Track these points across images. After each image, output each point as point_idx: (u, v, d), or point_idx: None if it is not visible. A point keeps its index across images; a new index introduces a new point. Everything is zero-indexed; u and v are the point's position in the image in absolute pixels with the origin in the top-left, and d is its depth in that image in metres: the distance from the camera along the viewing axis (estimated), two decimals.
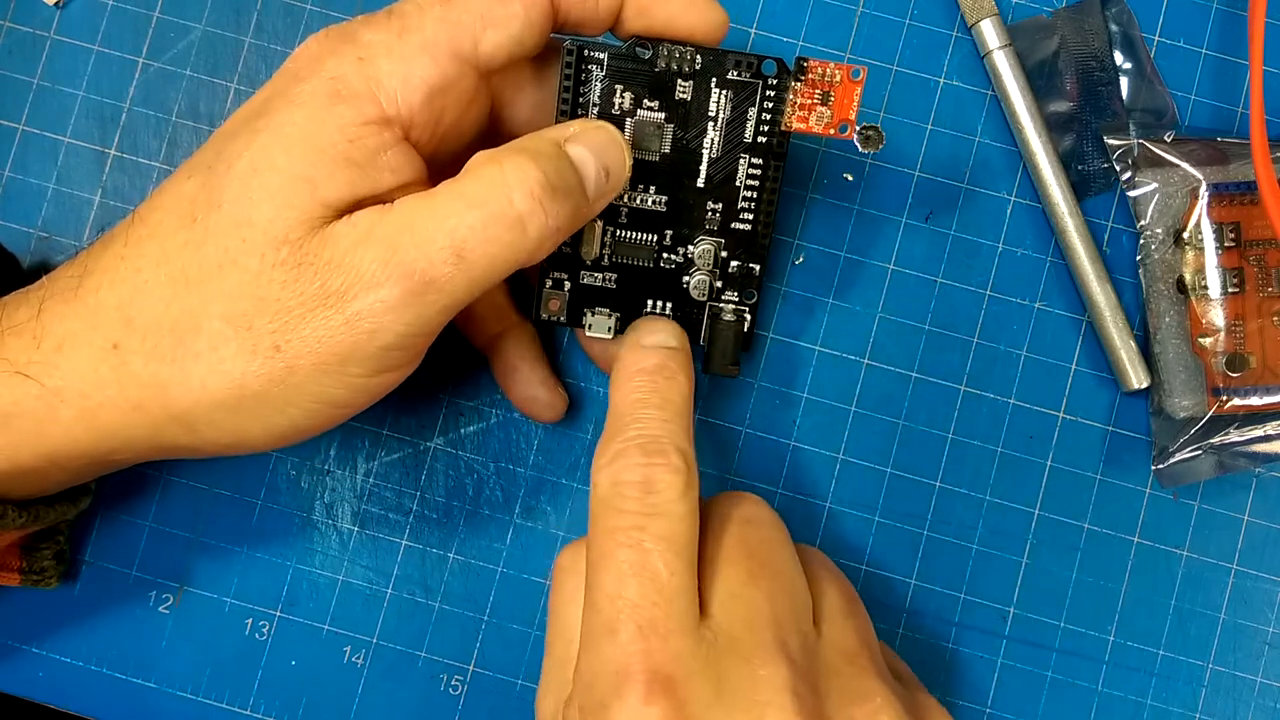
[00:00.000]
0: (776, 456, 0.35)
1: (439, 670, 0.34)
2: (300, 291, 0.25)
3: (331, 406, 0.27)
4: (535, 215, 0.25)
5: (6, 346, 0.27)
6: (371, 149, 0.26)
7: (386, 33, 0.27)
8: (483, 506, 0.35)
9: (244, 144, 0.26)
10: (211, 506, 0.35)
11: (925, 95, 0.36)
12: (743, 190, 0.31)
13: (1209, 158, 0.34)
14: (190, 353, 0.26)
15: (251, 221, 0.25)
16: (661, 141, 0.30)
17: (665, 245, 0.32)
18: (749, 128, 0.30)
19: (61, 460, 0.27)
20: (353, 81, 0.26)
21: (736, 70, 0.30)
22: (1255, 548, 0.35)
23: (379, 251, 0.25)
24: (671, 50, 0.30)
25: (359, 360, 0.26)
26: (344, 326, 0.25)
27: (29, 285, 0.28)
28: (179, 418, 0.26)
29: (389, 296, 0.25)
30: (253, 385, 0.26)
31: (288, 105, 0.26)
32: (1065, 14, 0.35)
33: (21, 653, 0.34)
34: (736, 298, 0.32)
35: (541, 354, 0.34)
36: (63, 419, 0.26)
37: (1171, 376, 0.34)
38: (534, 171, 0.26)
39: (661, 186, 0.31)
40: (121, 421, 0.26)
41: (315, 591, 0.35)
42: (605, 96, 0.30)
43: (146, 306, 0.26)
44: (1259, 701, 0.34)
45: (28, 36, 0.36)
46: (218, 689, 0.34)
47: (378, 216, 0.25)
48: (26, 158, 0.36)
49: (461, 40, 0.27)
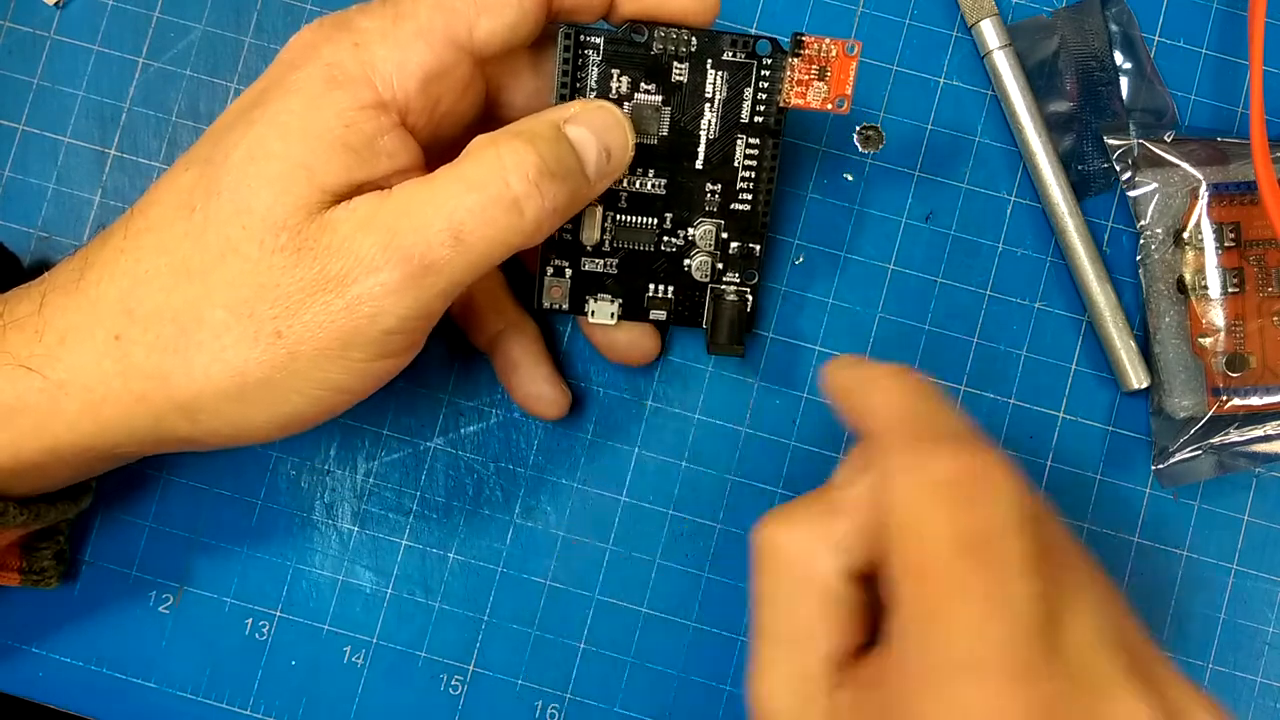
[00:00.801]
0: (777, 456, 0.35)
1: (439, 670, 0.34)
2: (300, 277, 0.25)
3: (334, 392, 0.27)
4: (531, 198, 0.26)
5: (8, 341, 0.27)
6: (368, 134, 0.26)
7: (382, 19, 0.27)
8: (483, 506, 0.35)
9: (241, 133, 0.26)
10: (211, 506, 0.35)
11: (925, 95, 0.36)
12: (741, 170, 0.31)
13: (1209, 158, 0.34)
14: (192, 342, 0.26)
15: (250, 209, 0.26)
16: (659, 124, 0.31)
17: (665, 228, 0.32)
18: (746, 108, 0.31)
19: (65, 454, 0.27)
20: (349, 67, 0.26)
21: (732, 51, 0.30)
22: (1255, 548, 0.35)
23: (378, 236, 0.25)
24: (666, 33, 0.30)
25: (360, 344, 0.26)
26: (344, 311, 0.25)
27: (31, 281, 0.28)
28: (182, 408, 0.26)
29: (389, 280, 0.25)
30: (255, 372, 0.26)
31: (284, 93, 0.26)
32: (1065, 14, 0.35)
33: (21, 653, 0.34)
34: (738, 279, 0.32)
35: (544, 351, 0.34)
36: (66, 412, 0.26)
37: (1171, 376, 0.34)
38: (530, 155, 0.26)
39: (660, 169, 0.31)
40: (125, 413, 0.27)
41: (315, 591, 0.35)
42: (602, 81, 0.30)
43: (148, 297, 0.26)
44: (1259, 701, 0.34)
45: (28, 36, 0.36)
46: (218, 689, 0.34)
47: (377, 202, 0.26)
48: (26, 158, 0.36)
49: (457, 27, 0.27)
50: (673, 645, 0.34)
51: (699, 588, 0.35)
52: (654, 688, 0.34)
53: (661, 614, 0.34)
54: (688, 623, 0.34)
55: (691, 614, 0.34)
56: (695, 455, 0.35)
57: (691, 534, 0.35)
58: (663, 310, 0.32)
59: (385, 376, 0.27)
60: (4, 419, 0.26)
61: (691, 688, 0.34)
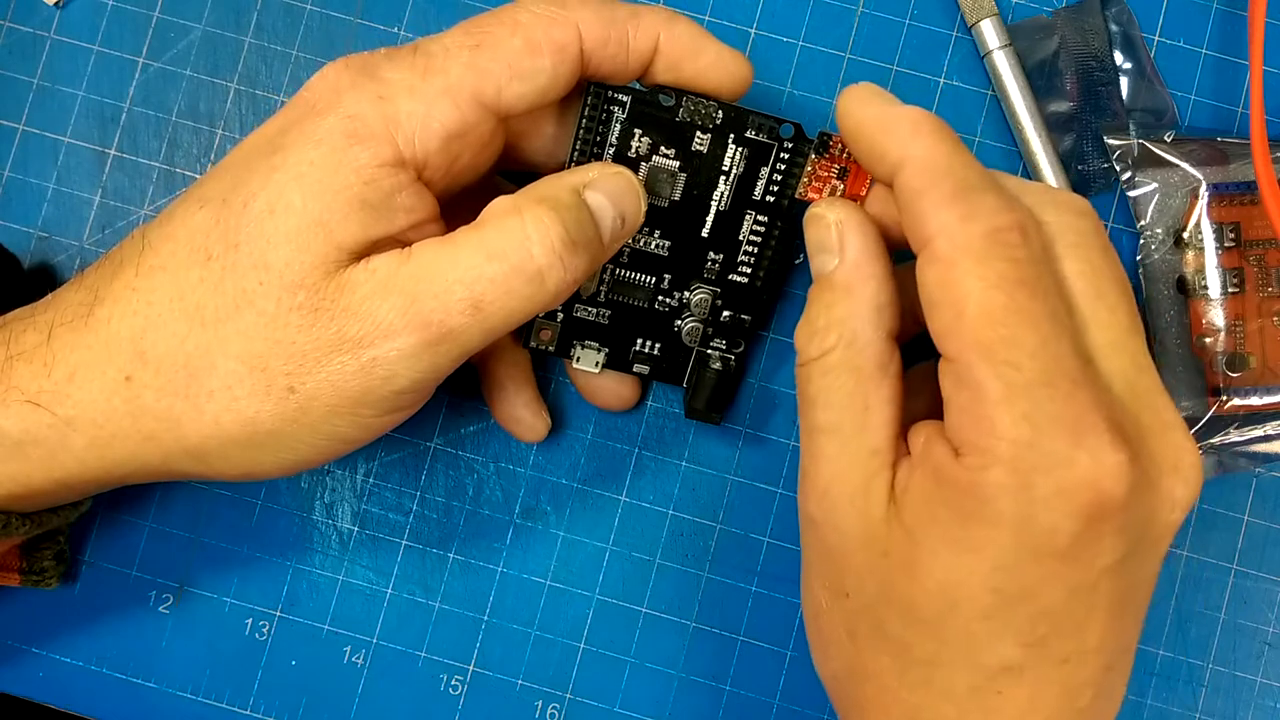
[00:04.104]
0: (777, 456, 0.35)
1: (439, 670, 0.34)
2: (316, 336, 0.25)
3: (341, 443, 0.27)
4: (554, 269, 0.25)
5: (16, 374, 0.26)
6: (386, 190, 0.26)
7: (410, 71, 0.26)
8: (483, 506, 0.35)
9: (260, 182, 0.26)
10: (211, 506, 0.35)
11: (925, 95, 0.36)
12: (745, 245, 0.31)
13: (1209, 158, 0.34)
14: (204, 390, 0.26)
15: (268, 265, 0.25)
16: (674, 189, 0.30)
17: (663, 288, 0.32)
18: (760, 186, 0.30)
19: (73, 484, 0.27)
20: (370, 121, 0.26)
21: (755, 130, 0.30)
22: (1255, 548, 0.35)
23: (397, 301, 0.25)
24: (695, 102, 0.29)
25: (371, 403, 0.26)
26: (359, 372, 0.25)
27: (31, 303, 0.28)
28: (191, 451, 0.26)
29: (405, 345, 0.25)
30: (266, 424, 0.26)
31: (304, 142, 0.26)
32: (1065, 14, 0.35)
33: (21, 653, 0.34)
34: (724, 345, 0.32)
35: (529, 375, 0.34)
36: (74, 447, 0.26)
37: (1171, 376, 0.34)
38: (555, 226, 0.25)
39: (666, 232, 0.31)
40: (133, 451, 0.27)
41: (315, 591, 0.35)
42: (623, 139, 0.30)
43: (160, 341, 0.26)
44: (1259, 701, 0.34)
45: (28, 36, 0.36)
46: (218, 689, 0.34)
47: (395, 265, 0.25)
48: (26, 158, 0.36)
49: (485, 88, 0.26)
50: (673, 645, 0.34)
51: (699, 588, 0.35)
52: (654, 688, 0.34)
53: (661, 614, 0.34)
54: (688, 623, 0.34)
55: (691, 614, 0.34)
56: (695, 455, 0.35)
57: (691, 534, 0.35)
58: (646, 365, 0.32)
59: (391, 427, 0.27)
60: (13, 452, 0.26)
61: (691, 688, 0.34)
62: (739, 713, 0.34)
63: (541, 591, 0.35)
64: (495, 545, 0.35)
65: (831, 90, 0.35)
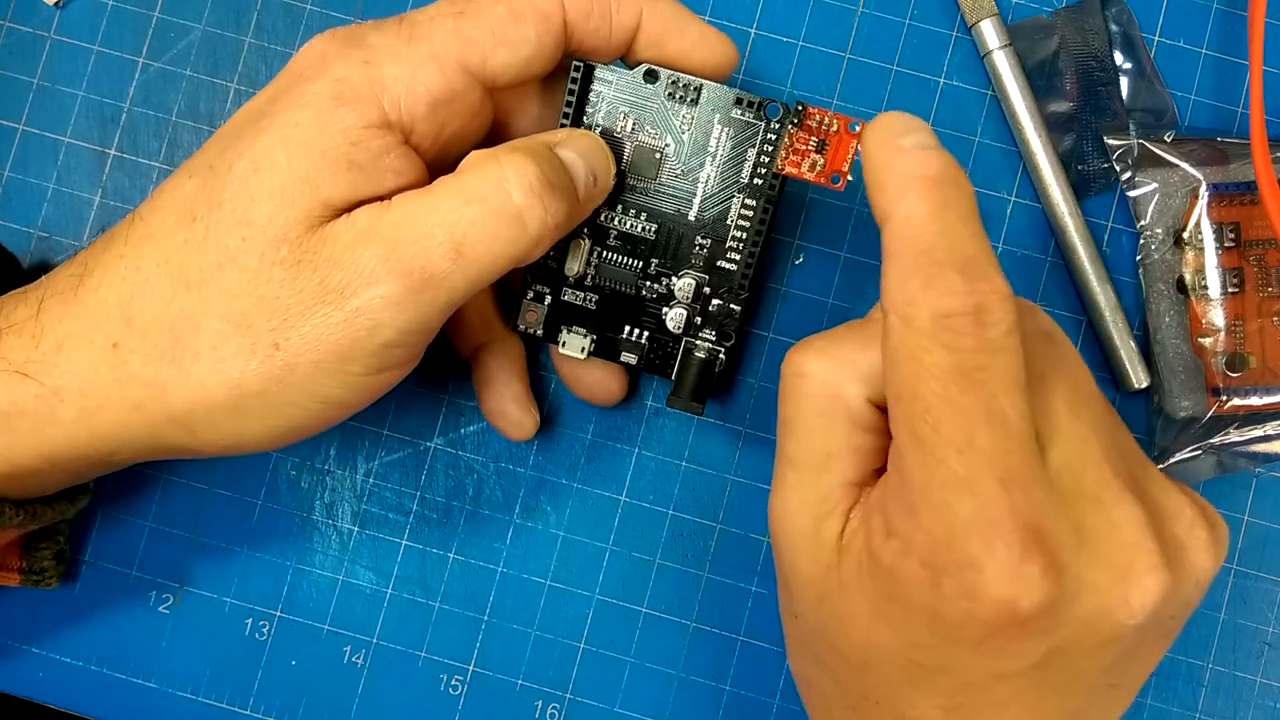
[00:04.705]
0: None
1: (439, 670, 0.34)
2: (299, 289, 0.25)
3: (330, 406, 0.27)
4: (534, 209, 0.26)
5: (5, 346, 0.27)
6: (374, 152, 0.26)
7: (395, 38, 0.27)
8: (483, 506, 0.35)
9: (246, 144, 0.26)
10: (211, 506, 0.35)
11: (925, 95, 0.36)
12: (733, 229, 0.31)
13: (1209, 158, 0.34)
14: (189, 352, 0.26)
15: (251, 220, 0.25)
16: (659, 169, 0.30)
17: (649, 274, 0.31)
18: (746, 168, 0.30)
19: (60, 461, 0.27)
20: (356, 84, 0.26)
21: (740, 109, 0.30)
22: (1255, 548, 0.35)
23: (378, 248, 0.25)
24: (679, 81, 0.30)
25: (358, 357, 0.26)
26: (343, 323, 0.25)
27: (28, 285, 0.28)
28: (178, 419, 0.26)
29: (388, 292, 0.25)
30: (251, 384, 0.26)
31: (291, 106, 0.26)
32: (1065, 14, 0.35)
33: (21, 653, 0.34)
34: (713, 337, 0.32)
35: (521, 370, 0.33)
36: (62, 419, 0.26)
37: (1171, 376, 0.34)
38: (532, 167, 0.26)
39: (653, 214, 0.31)
40: (120, 422, 0.26)
41: (315, 591, 0.35)
42: (609, 119, 0.30)
43: (146, 306, 0.26)
44: (1259, 701, 0.34)
45: (28, 36, 0.36)
46: (218, 689, 0.34)
47: (376, 214, 0.26)
48: (26, 158, 0.36)
49: (470, 55, 0.27)
50: (673, 645, 0.34)
51: (699, 588, 0.35)
52: (654, 688, 0.34)
53: (661, 614, 0.34)
54: (688, 623, 0.34)
55: (691, 614, 0.34)
56: (695, 455, 0.35)
57: (691, 534, 0.35)
58: (634, 354, 0.32)
59: (381, 390, 0.27)
60: (0, 425, 0.26)
61: (691, 688, 0.34)
62: (739, 713, 0.34)
63: (541, 591, 0.35)
64: (495, 545, 0.35)
65: (831, 90, 0.35)
